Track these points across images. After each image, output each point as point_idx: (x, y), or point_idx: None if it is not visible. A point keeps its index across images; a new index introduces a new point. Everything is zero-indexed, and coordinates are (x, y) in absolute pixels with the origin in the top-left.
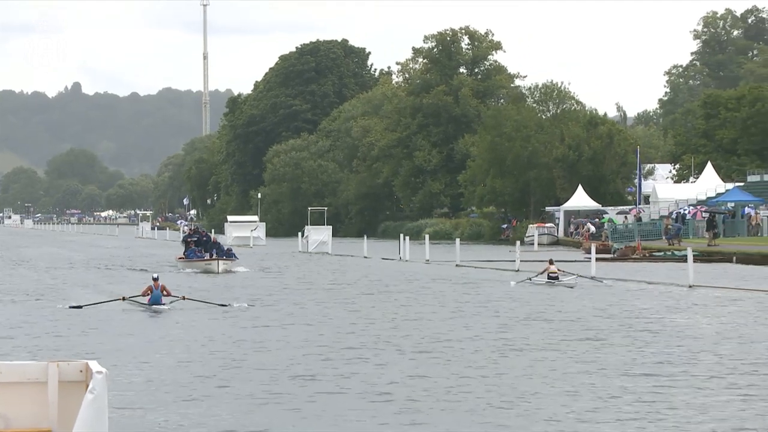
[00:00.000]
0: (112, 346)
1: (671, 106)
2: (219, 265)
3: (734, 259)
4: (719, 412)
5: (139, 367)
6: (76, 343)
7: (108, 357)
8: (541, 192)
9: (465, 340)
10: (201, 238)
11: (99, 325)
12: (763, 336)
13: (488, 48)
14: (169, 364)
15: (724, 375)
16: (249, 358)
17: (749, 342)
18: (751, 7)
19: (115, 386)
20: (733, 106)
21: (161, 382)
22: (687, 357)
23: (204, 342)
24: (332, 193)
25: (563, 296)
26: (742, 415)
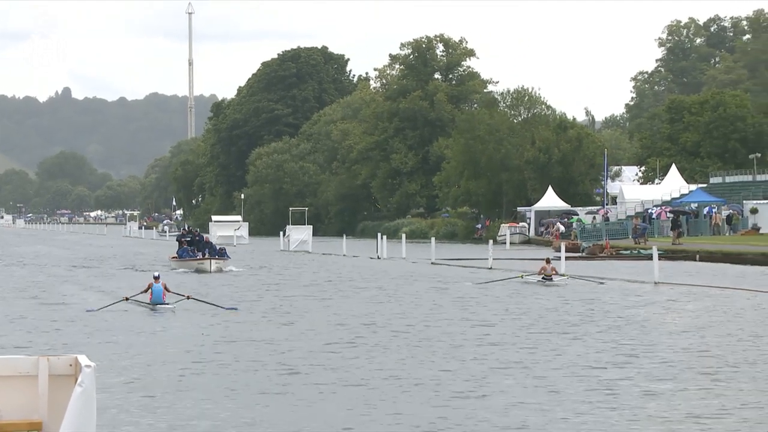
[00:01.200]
0: (102, 341)
1: (637, 110)
2: (211, 264)
3: (697, 257)
4: (680, 400)
5: (130, 363)
6: (67, 340)
7: (98, 352)
8: (512, 193)
9: (435, 333)
10: (194, 237)
11: (93, 323)
12: (724, 329)
13: (462, 55)
14: (160, 360)
15: (685, 364)
16: (238, 355)
17: (712, 335)
18: (713, 16)
19: (105, 381)
20: (696, 111)
21: (150, 376)
22: (650, 348)
23: (194, 338)
24: (313, 194)
25: (535, 292)
26: (701, 401)
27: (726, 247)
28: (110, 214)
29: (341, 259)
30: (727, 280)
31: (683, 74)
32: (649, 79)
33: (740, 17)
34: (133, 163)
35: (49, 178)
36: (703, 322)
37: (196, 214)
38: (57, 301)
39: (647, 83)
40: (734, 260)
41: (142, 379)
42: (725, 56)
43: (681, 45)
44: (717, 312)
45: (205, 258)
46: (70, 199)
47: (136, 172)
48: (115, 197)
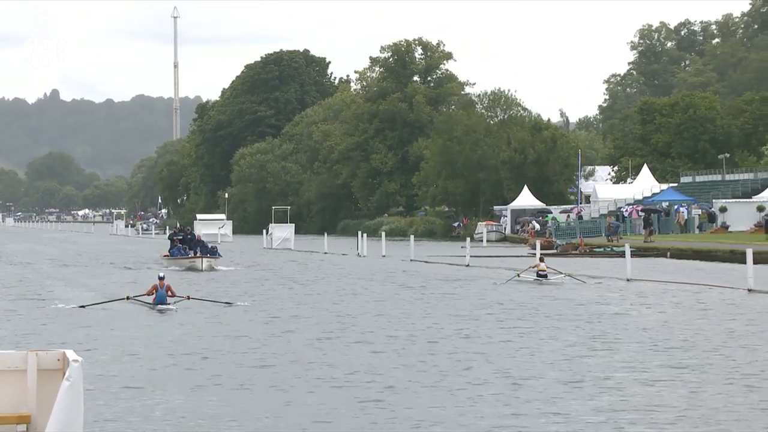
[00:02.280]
0: (92, 337)
1: (610, 112)
2: (203, 262)
3: (668, 254)
4: (650, 388)
5: (119, 359)
6: (59, 336)
7: (86, 348)
8: (489, 192)
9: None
10: (186, 236)
11: (86, 321)
12: (694, 324)
13: (440, 58)
14: (150, 357)
15: (655, 355)
16: (225, 352)
17: (681, 329)
18: (683, 20)
19: (92, 376)
20: (667, 113)
21: (139, 372)
22: (621, 342)
23: (182, 336)
24: (295, 193)
25: (515, 289)
26: (669, 389)
27: (696, 244)
28: (97, 213)
29: (324, 256)
30: (698, 277)
31: (654, 77)
32: (622, 82)
33: (710, 22)
34: (119, 163)
35: (38, 177)
36: (673, 317)
37: (181, 212)
38: (50, 297)
39: (620, 85)
40: (704, 257)
41: (130, 373)
42: (695, 59)
43: (652, 48)
44: (687, 307)
45: (197, 256)
46: (59, 199)
47: (122, 172)
48: (102, 196)
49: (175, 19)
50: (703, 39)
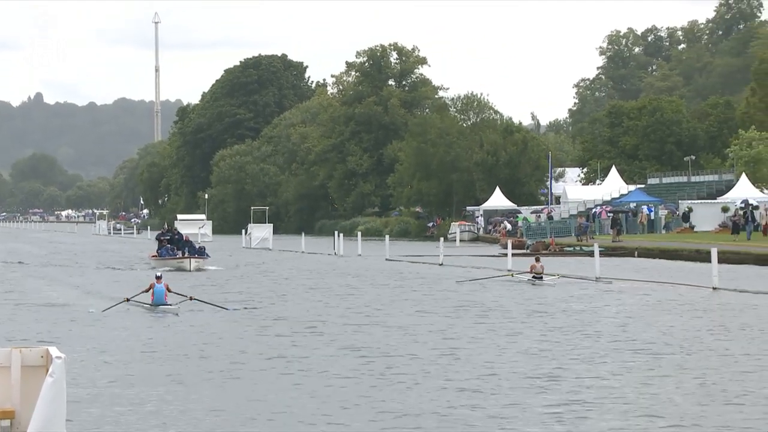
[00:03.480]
0: (78, 334)
1: (580, 115)
2: (191, 263)
3: (636, 253)
4: (605, 382)
5: (102, 357)
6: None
7: (72, 345)
8: (462, 193)
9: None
10: (173, 236)
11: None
12: (660, 321)
13: (414, 62)
14: (134, 356)
15: (619, 352)
16: (210, 351)
17: (647, 325)
18: (650, 26)
19: (77, 372)
20: (635, 116)
21: (123, 369)
22: (591, 339)
23: (169, 335)
24: (273, 193)
25: (493, 288)
26: (630, 384)
27: (662, 244)
28: (80, 213)
29: (302, 255)
30: (664, 276)
31: (622, 81)
32: (591, 86)
33: (676, 28)
34: (102, 165)
35: (22, 178)
36: (639, 315)
37: (162, 213)
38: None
39: (589, 90)
40: (670, 256)
41: (115, 371)
42: (662, 64)
43: (620, 54)
44: (653, 305)
45: (185, 257)
46: (42, 199)
47: (105, 173)
48: (85, 197)
49: (156, 24)
50: (669, 45)
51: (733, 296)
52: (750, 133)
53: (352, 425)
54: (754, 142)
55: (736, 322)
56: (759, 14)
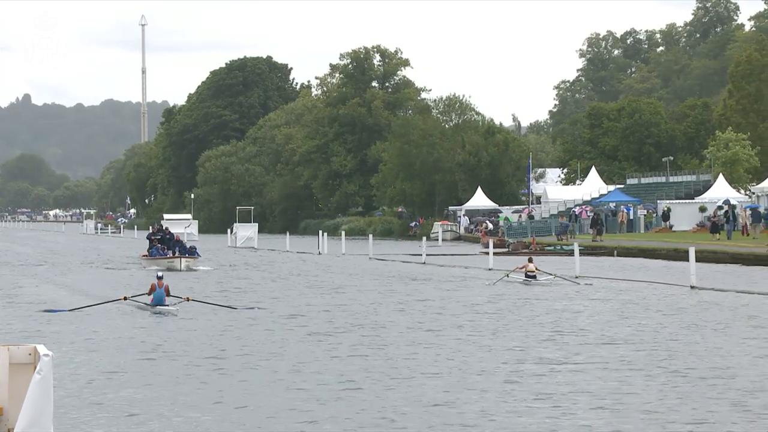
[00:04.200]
0: (65, 333)
1: (560, 116)
2: (182, 262)
3: (615, 252)
4: (592, 376)
5: (89, 355)
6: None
7: (61, 343)
8: (444, 193)
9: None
10: (164, 236)
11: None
12: (638, 318)
13: (397, 64)
14: (119, 354)
15: (597, 348)
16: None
17: (626, 323)
18: (629, 29)
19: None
20: (614, 117)
21: (109, 367)
22: (569, 335)
23: (154, 334)
24: (258, 193)
25: (470, 286)
26: (605, 378)
27: (641, 243)
28: (68, 213)
29: (287, 255)
30: (643, 274)
31: (602, 83)
32: (571, 88)
33: (654, 30)
34: (89, 165)
35: (11, 179)
36: (618, 313)
37: (148, 212)
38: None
39: (569, 91)
40: (649, 255)
41: (100, 368)
42: (640, 66)
43: (600, 56)
44: (631, 303)
45: (176, 256)
46: (30, 199)
47: (92, 173)
48: (72, 197)
49: (142, 26)
50: (648, 47)
51: (711, 294)
52: (727, 135)
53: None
54: (731, 143)
55: (713, 319)
56: (736, 17)
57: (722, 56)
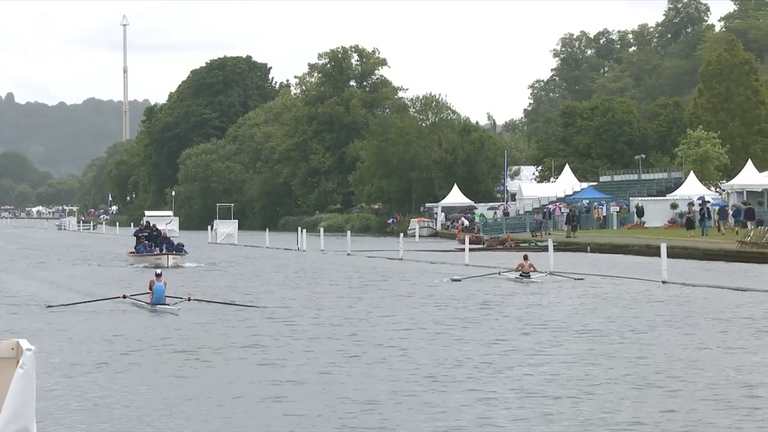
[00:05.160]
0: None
1: (534, 115)
2: (169, 259)
3: (588, 248)
4: (562, 368)
5: (72, 349)
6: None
7: (46, 339)
8: (421, 190)
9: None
10: (151, 233)
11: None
12: (609, 312)
13: (375, 64)
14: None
15: (569, 341)
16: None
17: (598, 317)
18: (602, 29)
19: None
20: (588, 116)
21: (91, 363)
22: (542, 330)
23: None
24: (238, 191)
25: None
26: (574, 369)
27: (614, 239)
28: (51, 210)
29: (268, 251)
30: (616, 270)
31: (576, 82)
32: (545, 87)
33: (626, 31)
34: (71, 163)
35: None
36: (591, 307)
37: (130, 209)
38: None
39: (543, 90)
40: (621, 251)
41: (83, 363)
42: (613, 66)
43: (573, 56)
44: (604, 297)
45: (163, 253)
46: (13, 196)
47: (74, 171)
48: (55, 194)
49: (124, 26)
50: (620, 47)
51: (682, 289)
52: (697, 133)
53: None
54: (702, 141)
55: (683, 313)
56: (706, 18)
57: (693, 56)
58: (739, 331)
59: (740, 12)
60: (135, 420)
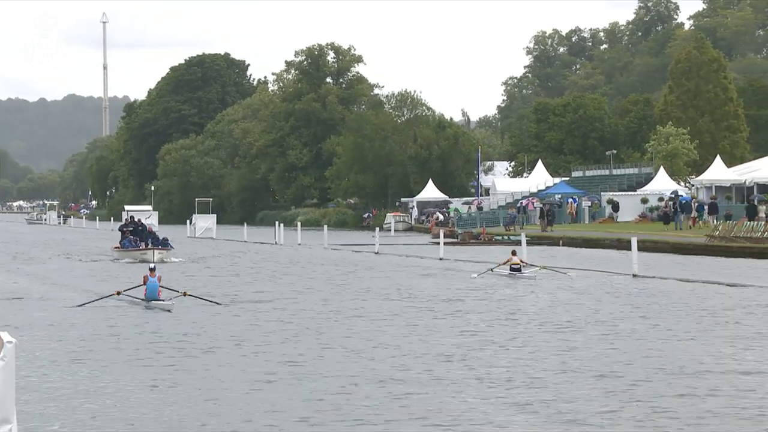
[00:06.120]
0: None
1: (508, 111)
2: (154, 254)
3: (561, 242)
4: (526, 358)
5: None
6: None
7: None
8: (397, 185)
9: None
10: (136, 227)
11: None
12: (581, 305)
13: (351, 61)
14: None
15: (540, 333)
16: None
17: (568, 309)
18: (574, 27)
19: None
20: (560, 113)
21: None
22: (511, 323)
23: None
24: (217, 186)
25: (425, 276)
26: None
27: (586, 233)
28: (32, 204)
29: (247, 245)
30: (587, 263)
31: (548, 80)
32: (518, 84)
33: (598, 29)
34: (52, 158)
35: None
36: (562, 300)
37: (110, 204)
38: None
39: (516, 87)
40: (593, 245)
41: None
42: (585, 64)
43: (546, 53)
44: (575, 290)
45: (148, 248)
46: None
47: (55, 166)
48: (35, 189)
49: (104, 24)
50: (592, 45)
51: (652, 282)
52: (667, 129)
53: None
54: (671, 137)
55: (653, 305)
56: (676, 17)
57: (663, 54)
58: (701, 321)
59: (709, 10)
60: (116, 411)
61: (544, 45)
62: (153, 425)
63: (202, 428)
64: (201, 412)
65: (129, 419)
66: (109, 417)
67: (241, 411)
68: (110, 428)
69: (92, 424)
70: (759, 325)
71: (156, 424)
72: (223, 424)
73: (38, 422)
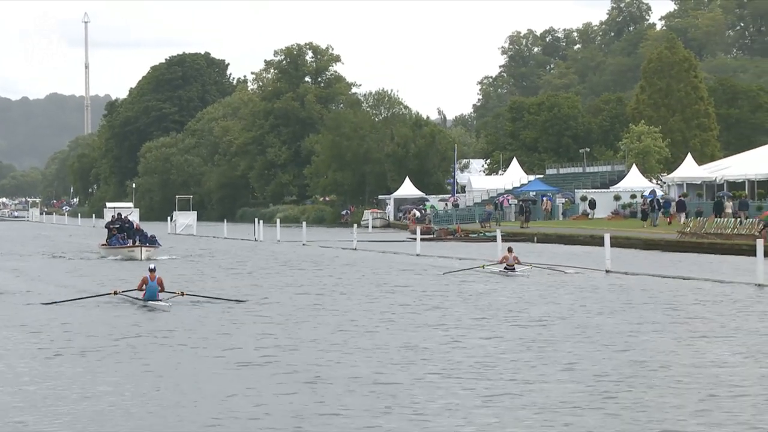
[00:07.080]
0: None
1: (483, 110)
2: (142, 252)
3: (535, 239)
4: (494, 351)
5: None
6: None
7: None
8: (374, 183)
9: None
10: (123, 224)
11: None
12: (554, 300)
13: (329, 60)
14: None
15: (511, 329)
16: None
17: (541, 305)
18: (548, 28)
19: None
20: (535, 111)
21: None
22: (484, 318)
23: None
24: (197, 183)
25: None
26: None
27: (560, 230)
28: (14, 201)
29: (227, 242)
30: (560, 259)
31: (523, 79)
32: (494, 83)
33: (572, 29)
34: (34, 156)
35: None
36: (535, 296)
37: (92, 201)
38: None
39: (492, 86)
40: (567, 241)
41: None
42: (559, 63)
43: (521, 53)
44: (549, 286)
45: (136, 245)
46: None
47: (37, 164)
48: (18, 186)
49: (86, 23)
50: (565, 45)
51: (624, 278)
52: (639, 128)
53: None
54: (643, 135)
55: (624, 300)
56: (648, 17)
57: (635, 54)
58: (670, 314)
59: (680, 11)
60: (87, 406)
61: (519, 45)
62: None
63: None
64: (170, 413)
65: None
66: (83, 416)
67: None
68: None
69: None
70: (725, 320)
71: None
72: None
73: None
